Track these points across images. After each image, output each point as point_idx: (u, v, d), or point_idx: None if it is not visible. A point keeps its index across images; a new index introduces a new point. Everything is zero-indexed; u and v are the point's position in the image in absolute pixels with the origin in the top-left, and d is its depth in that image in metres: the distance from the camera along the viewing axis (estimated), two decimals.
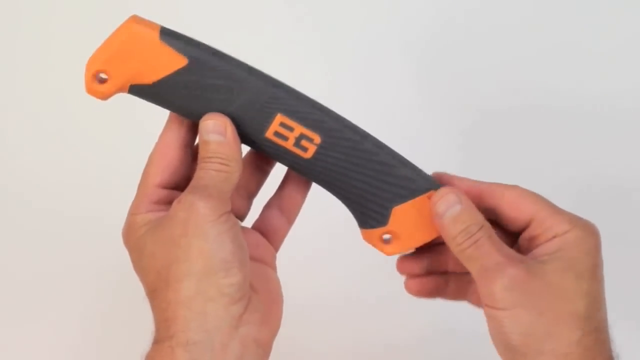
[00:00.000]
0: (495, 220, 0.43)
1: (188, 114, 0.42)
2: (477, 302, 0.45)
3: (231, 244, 0.39)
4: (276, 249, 0.46)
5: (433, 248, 0.45)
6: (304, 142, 0.42)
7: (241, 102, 0.41)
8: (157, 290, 0.39)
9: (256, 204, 0.47)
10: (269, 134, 0.42)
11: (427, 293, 0.46)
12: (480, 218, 0.41)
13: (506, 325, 0.39)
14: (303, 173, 0.44)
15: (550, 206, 0.42)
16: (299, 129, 0.41)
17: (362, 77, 0.78)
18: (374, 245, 0.44)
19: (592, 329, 0.39)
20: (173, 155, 0.42)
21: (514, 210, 0.42)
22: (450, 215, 0.41)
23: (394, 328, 0.70)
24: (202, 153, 0.40)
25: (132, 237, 0.41)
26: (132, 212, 0.42)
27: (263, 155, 0.45)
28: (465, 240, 0.41)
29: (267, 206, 0.47)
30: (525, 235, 0.42)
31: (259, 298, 0.41)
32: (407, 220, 0.43)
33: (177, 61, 0.40)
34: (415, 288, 0.46)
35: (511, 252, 0.41)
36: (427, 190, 0.43)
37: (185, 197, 0.39)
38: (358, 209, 0.44)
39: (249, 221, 0.47)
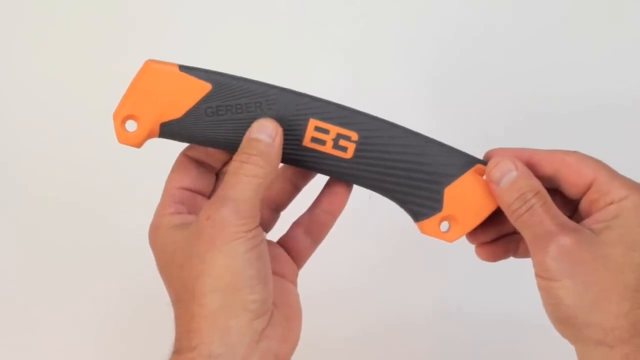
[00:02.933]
0: (554, 189, 0.43)
1: (223, 143, 0.42)
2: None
3: (257, 261, 0.39)
4: (299, 267, 0.46)
5: (498, 213, 0.44)
6: (342, 142, 0.42)
7: (272, 115, 0.41)
8: (182, 301, 0.40)
9: (285, 218, 0.47)
10: (306, 141, 0.42)
11: (499, 257, 0.46)
12: (536, 184, 0.41)
13: (555, 296, 0.39)
14: (346, 176, 0.43)
15: (610, 171, 0.42)
16: (335, 130, 0.42)
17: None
18: (434, 235, 0.44)
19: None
20: (193, 165, 0.43)
21: (575, 175, 0.42)
22: (506, 181, 0.41)
23: (402, 308, 0.71)
24: (244, 149, 0.40)
25: (159, 239, 0.41)
26: (158, 214, 0.42)
27: (298, 170, 0.45)
28: (520, 207, 0.40)
29: (296, 224, 0.46)
30: (584, 200, 0.42)
31: (280, 313, 0.41)
32: (461, 200, 0.43)
33: (201, 88, 0.40)
34: (485, 254, 0.46)
35: (565, 220, 0.40)
36: (472, 164, 0.43)
37: (215, 212, 0.39)
38: (409, 201, 0.43)
39: (275, 234, 0.47)
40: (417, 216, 0.44)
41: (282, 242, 0.46)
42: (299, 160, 0.42)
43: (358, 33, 0.76)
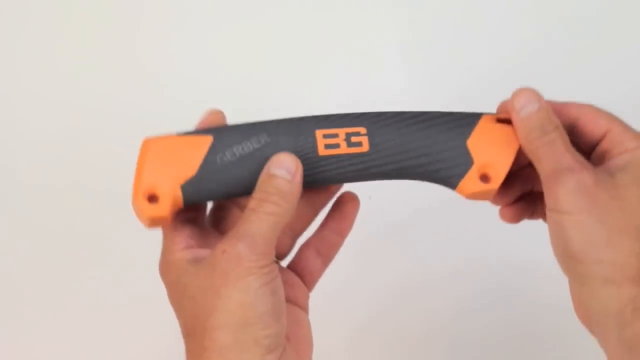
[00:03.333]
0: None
1: (247, 185, 0.41)
2: None
3: (271, 297, 0.39)
4: (309, 289, 0.46)
5: (519, 174, 0.45)
6: (354, 139, 0.42)
7: (280, 142, 0.42)
8: (194, 334, 0.39)
9: None
10: (321, 150, 0.42)
11: (521, 218, 0.47)
12: (556, 120, 0.41)
13: (567, 230, 0.39)
14: (371, 171, 0.43)
15: (623, 123, 0.42)
16: (342, 131, 0.42)
17: None
18: (478, 190, 0.43)
19: None
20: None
21: (590, 124, 0.42)
22: (528, 110, 0.41)
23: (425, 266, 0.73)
24: (262, 186, 0.40)
25: (171, 274, 0.41)
26: (169, 249, 0.41)
27: (316, 194, 0.45)
28: (540, 137, 0.41)
29: (305, 246, 0.46)
30: (598, 150, 0.42)
31: (291, 346, 0.41)
32: (487, 145, 0.43)
33: (203, 142, 0.41)
34: (509, 215, 0.46)
35: (582, 158, 0.41)
36: (480, 115, 0.44)
37: (231, 247, 0.38)
38: (439, 168, 0.43)
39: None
40: (453, 179, 0.43)
41: (293, 266, 0.46)
42: (320, 172, 0.42)
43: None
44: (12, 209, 0.75)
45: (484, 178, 0.43)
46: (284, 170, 0.40)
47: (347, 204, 0.46)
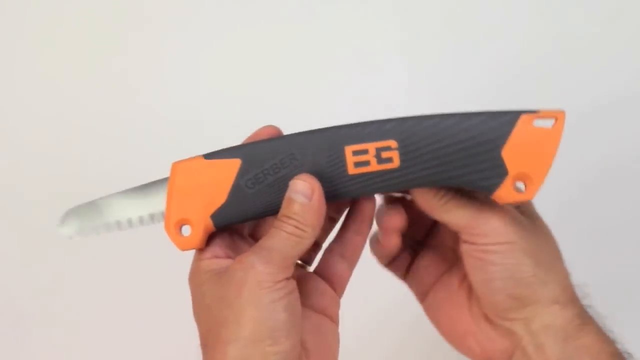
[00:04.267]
0: None
1: (274, 209, 0.41)
2: (395, 269, 0.48)
3: (283, 313, 0.38)
4: (339, 295, 0.46)
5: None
6: (384, 154, 0.41)
7: (309, 159, 0.41)
8: (207, 345, 0.40)
9: None
10: (351, 169, 0.41)
11: (388, 258, 0.47)
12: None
13: (514, 257, 0.40)
14: (402, 185, 0.42)
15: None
16: (372, 146, 0.41)
17: None
18: (514, 199, 0.42)
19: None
20: None
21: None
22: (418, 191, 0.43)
23: None
24: (283, 211, 0.40)
25: (196, 282, 0.41)
26: (196, 258, 0.42)
27: (333, 205, 0.44)
28: (441, 198, 0.42)
29: (328, 252, 0.46)
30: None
31: (312, 357, 0.41)
32: (522, 154, 0.41)
33: (232, 166, 0.41)
34: (380, 253, 0.47)
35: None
36: (517, 117, 0.41)
37: (247, 257, 0.39)
38: (473, 179, 0.41)
39: None
40: (489, 189, 0.42)
41: (320, 272, 0.46)
42: (350, 190, 0.42)
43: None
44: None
45: (521, 187, 0.42)
46: (300, 194, 0.40)
47: (364, 202, 0.45)
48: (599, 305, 0.44)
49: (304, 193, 0.40)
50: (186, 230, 0.41)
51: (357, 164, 0.41)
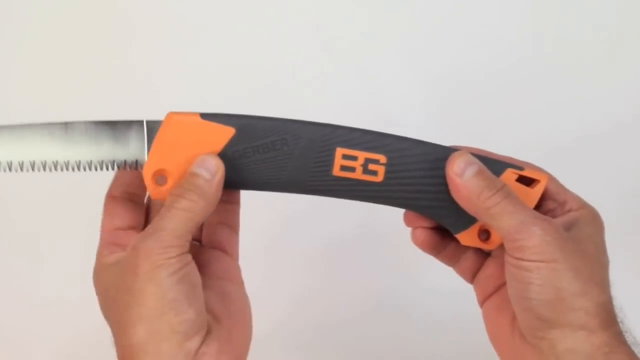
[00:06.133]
0: None
1: (258, 184, 0.42)
2: (462, 273, 0.47)
3: (180, 284, 0.38)
4: (235, 259, 0.47)
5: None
6: (371, 167, 0.42)
7: (299, 149, 0.41)
8: (116, 336, 0.40)
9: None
10: (336, 170, 0.42)
11: (430, 246, 0.47)
12: (497, 179, 0.42)
13: (541, 279, 0.39)
14: (379, 199, 0.43)
15: (560, 184, 0.44)
16: (362, 155, 0.41)
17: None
18: (475, 245, 0.44)
19: (610, 299, 0.41)
20: (120, 204, 0.44)
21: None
22: (471, 172, 0.41)
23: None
24: (182, 183, 0.40)
25: (99, 279, 0.42)
26: (96, 259, 0.42)
27: (226, 191, 0.43)
28: (491, 197, 0.40)
29: (208, 224, 0.46)
30: (540, 209, 0.43)
31: (221, 325, 0.41)
32: None
33: (225, 133, 0.40)
34: (420, 238, 0.46)
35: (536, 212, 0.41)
36: (502, 170, 0.42)
37: (140, 243, 0.39)
38: (444, 215, 0.43)
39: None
40: (455, 228, 0.44)
41: (208, 243, 0.46)
42: (330, 190, 0.42)
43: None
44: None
45: (483, 236, 0.44)
46: (204, 169, 0.40)
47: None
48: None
49: (208, 169, 0.40)
50: (161, 180, 0.41)
51: (343, 168, 0.42)
